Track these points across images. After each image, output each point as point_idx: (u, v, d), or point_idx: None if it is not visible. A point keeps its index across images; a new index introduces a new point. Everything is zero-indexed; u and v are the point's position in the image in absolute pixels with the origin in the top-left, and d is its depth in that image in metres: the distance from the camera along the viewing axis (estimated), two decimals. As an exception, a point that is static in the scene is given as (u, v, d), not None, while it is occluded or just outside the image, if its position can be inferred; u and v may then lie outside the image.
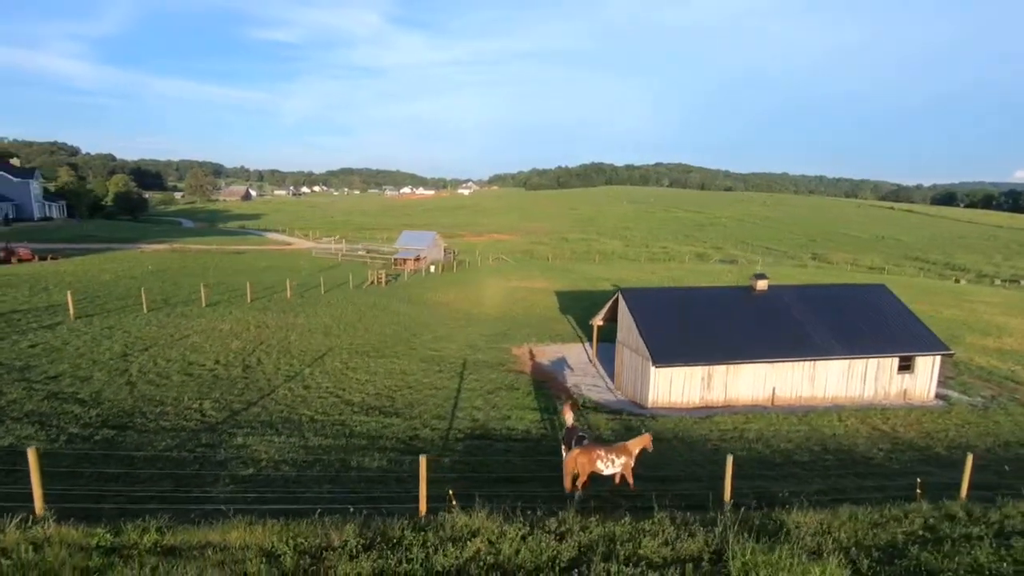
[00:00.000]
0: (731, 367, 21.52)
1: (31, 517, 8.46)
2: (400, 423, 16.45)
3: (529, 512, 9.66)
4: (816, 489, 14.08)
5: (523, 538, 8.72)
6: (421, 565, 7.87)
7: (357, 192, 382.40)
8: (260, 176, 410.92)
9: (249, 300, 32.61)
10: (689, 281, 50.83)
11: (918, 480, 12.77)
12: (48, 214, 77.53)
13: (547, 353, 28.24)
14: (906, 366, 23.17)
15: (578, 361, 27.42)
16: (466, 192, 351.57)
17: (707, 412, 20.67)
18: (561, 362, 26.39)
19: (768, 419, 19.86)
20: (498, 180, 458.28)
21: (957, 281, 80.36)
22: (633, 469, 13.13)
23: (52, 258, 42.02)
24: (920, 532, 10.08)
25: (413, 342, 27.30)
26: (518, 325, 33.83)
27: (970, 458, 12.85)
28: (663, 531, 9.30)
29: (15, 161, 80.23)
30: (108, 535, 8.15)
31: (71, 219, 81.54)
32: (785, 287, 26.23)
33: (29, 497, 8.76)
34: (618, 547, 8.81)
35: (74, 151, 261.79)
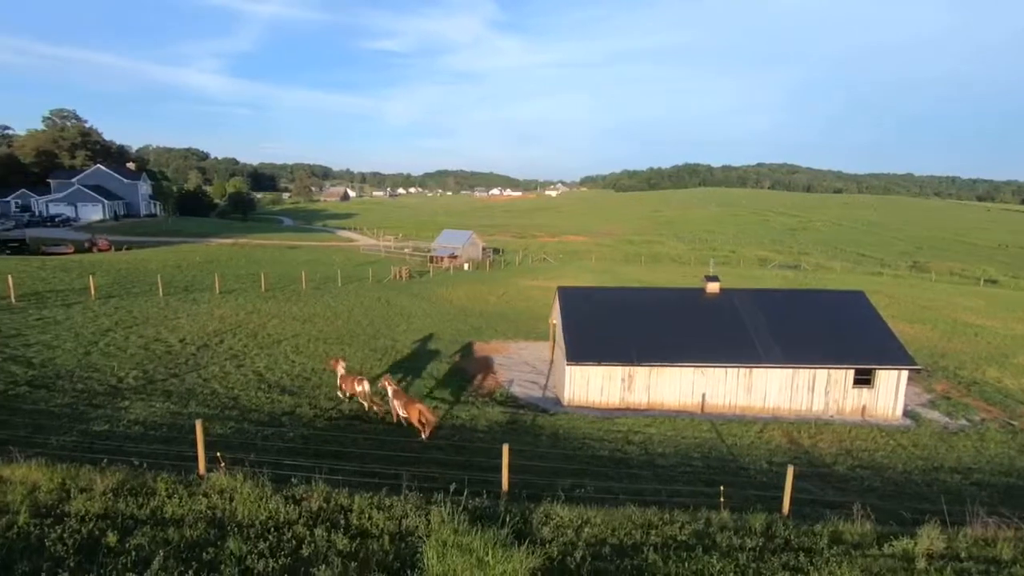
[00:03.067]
0: (654, 369, 20.87)
1: None
2: (289, 401, 17.94)
3: (295, 482, 10.59)
4: (636, 488, 13.78)
5: (259, 499, 9.64)
6: (151, 511, 9.05)
7: (449, 193, 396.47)
8: (363, 178, 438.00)
9: (263, 289, 35.94)
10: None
11: (721, 488, 12.24)
12: (152, 211, 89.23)
13: (511, 350, 28.68)
14: (864, 380, 21.14)
15: (538, 359, 27.62)
16: (553, 194, 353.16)
17: (623, 414, 20.28)
18: (510, 358, 26.77)
19: (675, 423, 19.17)
20: (588, 182, 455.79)
21: (1080, 296, 69.35)
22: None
23: (127, 249, 48.58)
24: (682, 538, 9.86)
25: (382, 332, 28.89)
26: (502, 321, 34.45)
27: (790, 470, 12.12)
28: (403, 507, 9.85)
29: (130, 165, 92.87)
30: None
31: (173, 215, 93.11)
32: (742, 291, 24.70)
33: None
34: (342, 516, 9.49)
35: (204, 156, 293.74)
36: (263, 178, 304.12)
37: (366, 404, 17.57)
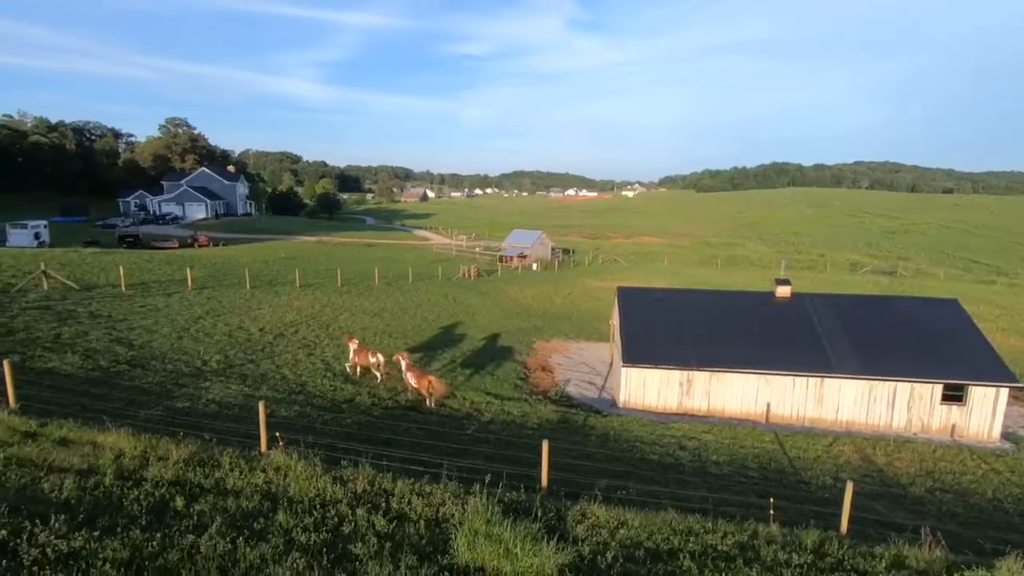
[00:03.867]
0: (715, 375, 20.07)
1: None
2: (351, 389, 18.89)
3: (344, 464, 11.27)
4: (683, 495, 13.36)
5: (310, 478, 10.40)
6: (215, 481, 10.01)
7: (525, 194, 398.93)
8: (442, 179, 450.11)
9: (339, 284, 37.95)
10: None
11: (771, 500, 11.69)
12: (248, 210, 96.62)
13: (571, 350, 28.59)
14: (955, 396, 19.25)
15: (597, 360, 27.36)
16: (630, 194, 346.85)
17: (680, 419, 19.70)
18: (569, 358, 26.66)
19: (735, 432, 18.36)
20: (668, 182, 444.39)
21: None
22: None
23: (223, 244, 52.95)
24: (723, 548, 9.67)
25: (446, 328, 29.68)
26: (565, 321, 34.36)
27: (849, 486, 11.41)
28: (442, 495, 10.28)
29: (230, 168, 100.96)
30: (34, 424, 11.59)
31: (266, 214, 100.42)
32: (816, 295, 23.11)
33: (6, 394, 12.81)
34: (384, 499, 10.06)
35: (296, 159, 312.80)
36: (349, 179, 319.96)
37: (379, 375, 20.03)
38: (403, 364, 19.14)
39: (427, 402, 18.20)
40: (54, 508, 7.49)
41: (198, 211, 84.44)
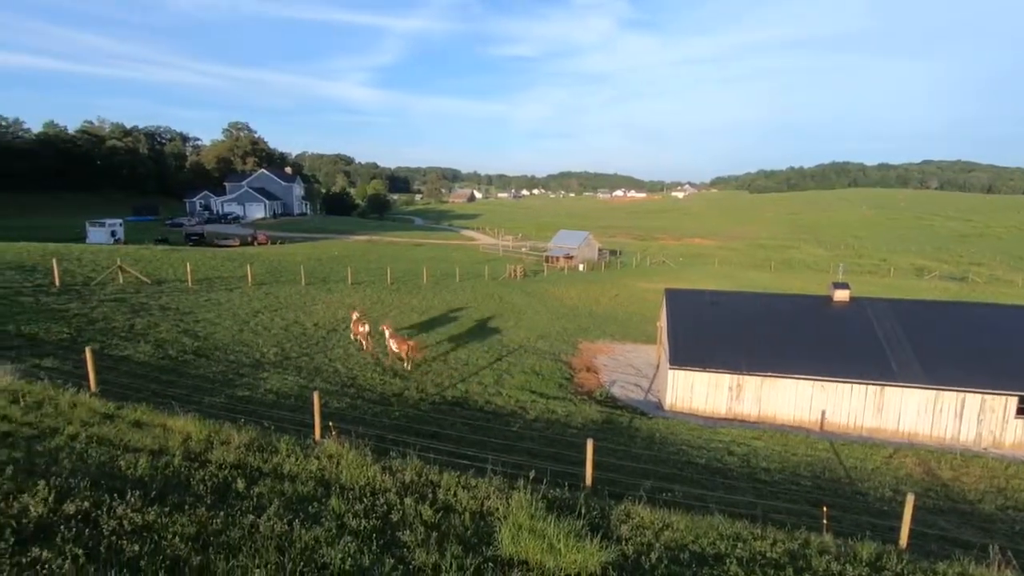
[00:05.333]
0: (766, 380, 19.46)
1: (81, 390, 13.35)
2: (399, 384, 19.37)
3: (393, 455, 11.68)
4: (730, 500, 13.08)
5: (361, 466, 10.85)
6: (273, 466, 10.59)
7: (572, 195, 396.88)
8: (489, 180, 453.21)
9: (389, 282, 38.90)
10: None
11: (824, 509, 11.32)
12: (304, 210, 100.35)
13: (617, 351, 28.34)
14: (1031, 410, 18.00)
15: (644, 362, 27.01)
16: (680, 195, 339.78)
17: (729, 424, 19.23)
18: (615, 359, 26.42)
19: (787, 439, 17.77)
20: (720, 183, 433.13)
21: None
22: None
23: (279, 243, 55.21)
24: (772, 555, 9.53)
25: (491, 326, 29.98)
26: (612, 322, 34.06)
27: (910, 498, 10.93)
28: (487, 489, 10.53)
29: (288, 169, 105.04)
30: (111, 407, 12.48)
31: (321, 214, 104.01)
32: (877, 300, 21.99)
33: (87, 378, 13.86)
34: (431, 490, 10.39)
35: (349, 161, 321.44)
36: (399, 180, 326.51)
37: (364, 342, 22.85)
38: (387, 332, 22.13)
39: (405, 364, 21.09)
40: (129, 484, 8.04)
41: (258, 211, 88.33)
